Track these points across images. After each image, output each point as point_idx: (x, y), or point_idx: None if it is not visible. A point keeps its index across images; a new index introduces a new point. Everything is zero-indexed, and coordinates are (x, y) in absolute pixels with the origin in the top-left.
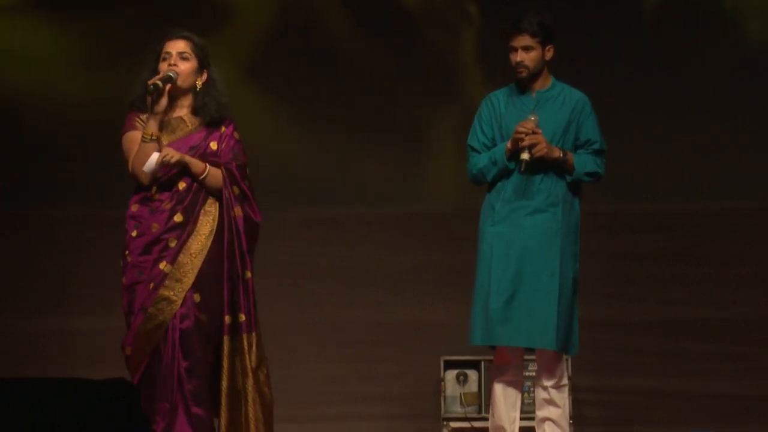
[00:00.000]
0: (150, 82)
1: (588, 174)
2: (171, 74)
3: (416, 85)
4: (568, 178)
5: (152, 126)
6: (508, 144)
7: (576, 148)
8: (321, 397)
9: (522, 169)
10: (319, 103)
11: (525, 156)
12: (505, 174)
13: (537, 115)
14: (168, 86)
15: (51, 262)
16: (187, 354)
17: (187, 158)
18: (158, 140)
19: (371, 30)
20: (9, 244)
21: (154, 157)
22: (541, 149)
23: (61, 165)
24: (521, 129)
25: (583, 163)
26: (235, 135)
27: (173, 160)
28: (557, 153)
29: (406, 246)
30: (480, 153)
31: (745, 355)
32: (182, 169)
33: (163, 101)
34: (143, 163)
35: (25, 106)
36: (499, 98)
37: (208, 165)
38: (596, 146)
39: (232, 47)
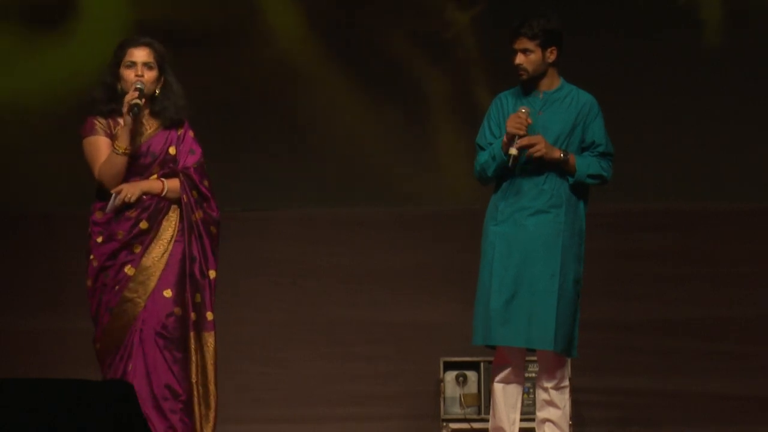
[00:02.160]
0: (130, 100)
1: (591, 176)
2: (140, 86)
3: (419, 85)
4: (570, 180)
5: (125, 140)
6: (504, 138)
7: (582, 150)
8: (320, 398)
9: (510, 164)
10: (319, 103)
11: (513, 151)
12: (505, 170)
13: (543, 113)
14: (143, 101)
15: (50, 262)
16: (148, 355)
17: (144, 187)
18: (127, 154)
19: (371, 30)
20: (8, 244)
21: (112, 200)
22: (539, 150)
23: (61, 165)
24: (513, 123)
25: (586, 165)
26: (190, 133)
27: (133, 198)
28: (557, 154)
29: (406, 246)
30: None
31: (745, 355)
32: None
33: (139, 117)
34: (112, 174)
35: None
36: (508, 98)
37: (164, 182)
38: (601, 149)
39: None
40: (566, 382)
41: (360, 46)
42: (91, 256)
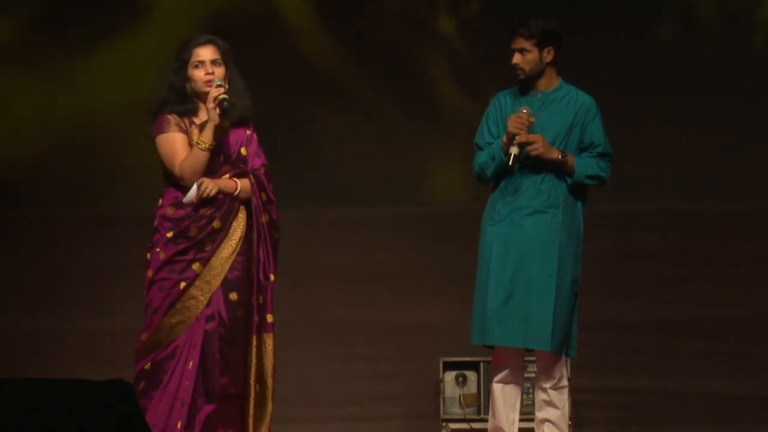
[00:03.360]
0: (219, 96)
1: (589, 177)
2: (220, 82)
3: (418, 85)
4: (569, 180)
5: (210, 136)
6: (504, 138)
7: (581, 150)
8: (319, 397)
9: (510, 163)
10: (318, 102)
11: (514, 150)
12: (504, 170)
13: (541, 113)
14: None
15: (51, 262)
16: (207, 354)
17: (221, 184)
18: (211, 149)
19: (372, 31)
20: (8, 244)
21: (194, 190)
22: (537, 148)
23: (61, 165)
24: (514, 123)
25: (585, 165)
26: (255, 137)
27: (212, 193)
28: (555, 154)
29: (406, 246)
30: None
31: (745, 355)
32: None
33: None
34: (194, 169)
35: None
36: (506, 98)
37: (238, 182)
38: (600, 149)
39: None
40: (565, 382)
41: (360, 47)
42: (158, 249)
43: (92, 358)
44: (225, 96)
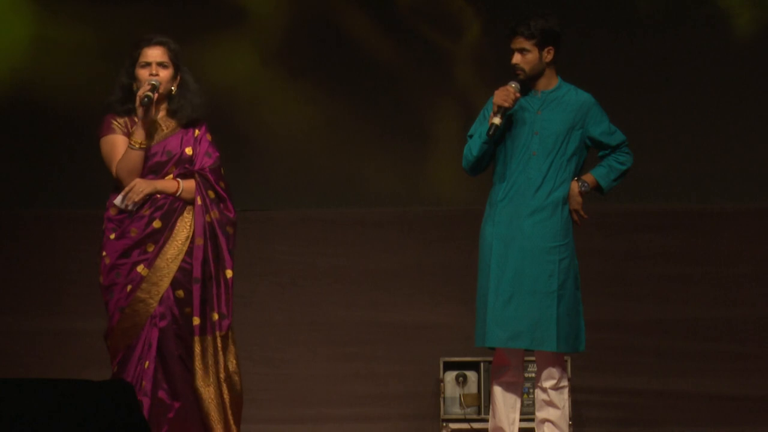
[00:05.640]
0: (142, 94)
1: (616, 179)
2: (155, 83)
3: (418, 85)
4: (602, 194)
5: (141, 134)
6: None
7: (594, 144)
8: (319, 398)
9: (491, 132)
10: (318, 102)
11: (496, 120)
12: (487, 143)
13: (541, 112)
14: (155, 95)
15: (50, 262)
16: (164, 351)
17: (159, 186)
18: (143, 148)
19: (370, 31)
20: (8, 244)
21: (121, 195)
22: (577, 210)
23: (61, 164)
24: (501, 95)
25: (606, 174)
26: (207, 136)
27: (140, 196)
28: (581, 192)
29: (406, 246)
30: None
31: (745, 355)
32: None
33: (152, 110)
34: (129, 169)
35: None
36: None
37: (180, 183)
38: (613, 142)
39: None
40: (565, 382)
41: (360, 47)
42: (104, 253)
43: (92, 358)
44: (148, 93)
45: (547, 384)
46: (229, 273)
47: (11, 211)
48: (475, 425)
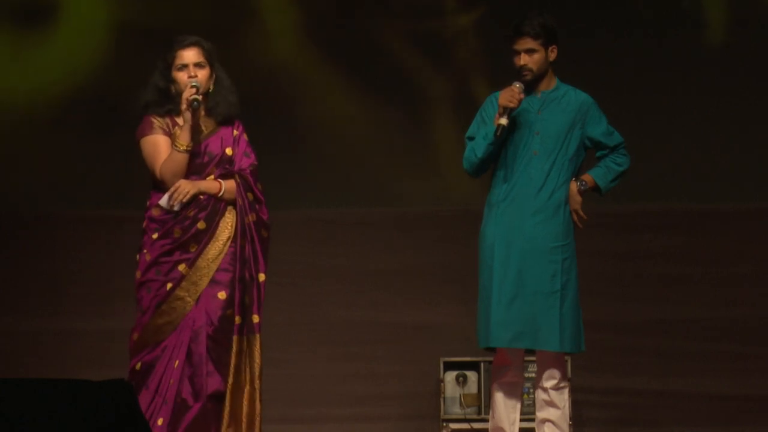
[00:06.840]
0: (189, 97)
1: (614, 180)
2: (196, 84)
3: (418, 85)
4: (601, 195)
5: (186, 137)
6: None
7: (593, 145)
8: (319, 398)
9: (498, 133)
10: (318, 103)
11: (503, 121)
12: (493, 145)
13: (541, 113)
14: (201, 97)
15: (50, 263)
16: (194, 353)
17: (202, 187)
18: (189, 151)
19: (371, 31)
20: (8, 245)
21: (166, 196)
22: (578, 211)
23: (61, 164)
24: (506, 96)
25: (604, 174)
26: (245, 137)
27: (186, 197)
28: (579, 191)
29: (406, 246)
30: None
31: (745, 355)
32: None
33: (197, 113)
34: (173, 171)
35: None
36: None
37: (222, 183)
38: (611, 142)
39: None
40: (566, 382)
41: (360, 47)
42: (144, 251)
43: (92, 358)
44: (196, 96)
45: (548, 384)
46: (261, 276)
47: (11, 211)
48: (476, 425)
